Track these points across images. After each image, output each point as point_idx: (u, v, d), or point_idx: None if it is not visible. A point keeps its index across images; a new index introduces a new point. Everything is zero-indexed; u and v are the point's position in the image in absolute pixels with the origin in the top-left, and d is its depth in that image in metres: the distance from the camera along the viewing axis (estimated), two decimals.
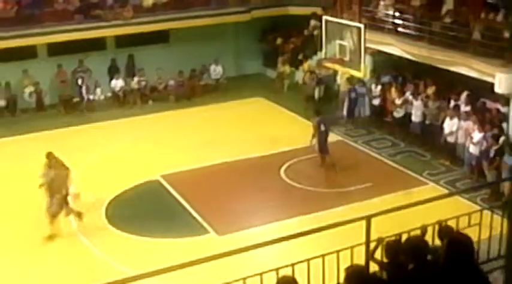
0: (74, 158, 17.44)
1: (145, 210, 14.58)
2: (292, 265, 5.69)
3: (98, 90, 22.65)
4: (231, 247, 11.51)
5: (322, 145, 16.30)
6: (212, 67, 24.03)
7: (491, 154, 14.69)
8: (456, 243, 4.98)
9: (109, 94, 22.97)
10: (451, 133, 16.05)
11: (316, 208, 13.94)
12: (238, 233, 13.10)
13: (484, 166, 14.88)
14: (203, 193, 15.34)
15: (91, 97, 22.36)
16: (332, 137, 17.08)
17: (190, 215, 14.20)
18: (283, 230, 12.97)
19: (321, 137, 16.30)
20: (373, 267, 5.96)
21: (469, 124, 15.66)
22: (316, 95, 21.25)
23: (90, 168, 16.89)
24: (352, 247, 5.94)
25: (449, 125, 16.09)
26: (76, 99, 22.26)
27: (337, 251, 5.86)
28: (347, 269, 5.12)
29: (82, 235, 13.38)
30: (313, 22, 23.80)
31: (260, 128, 19.45)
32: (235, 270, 6.77)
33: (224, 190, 15.43)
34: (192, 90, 23.24)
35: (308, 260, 5.90)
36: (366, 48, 17.60)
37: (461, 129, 15.85)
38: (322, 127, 16.30)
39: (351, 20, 18.92)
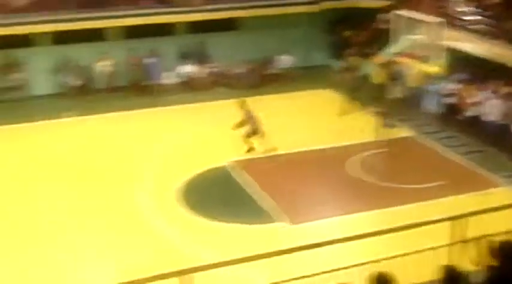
0: (144, 141, 17.98)
1: (216, 194, 14.87)
2: (383, 259, 5.77)
3: (168, 75, 23.08)
4: (303, 237, 11.74)
5: None
6: (280, 56, 24.15)
7: None
8: None
9: (179, 79, 23.39)
10: None
11: (386, 204, 13.91)
12: (310, 223, 13.22)
13: None
14: (272, 182, 15.52)
15: (161, 81, 22.83)
16: (402, 133, 16.97)
17: (259, 202, 14.38)
18: (354, 223, 13.07)
19: None
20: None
21: None
22: (392, 91, 21.00)
23: (160, 151, 17.29)
24: (450, 245, 5.93)
25: None
26: (146, 83, 22.76)
27: (433, 248, 5.88)
28: (444, 268, 5.15)
29: (155, 215, 13.72)
30: (383, 15, 23.61)
31: (326, 120, 19.49)
32: (309, 262, 6.91)
33: (291, 180, 15.57)
34: (260, 79, 23.43)
35: (399, 256, 5.96)
36: (443, 44, 17.34)
37: None
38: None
39: (423, 14, 18.71)
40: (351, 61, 23.34)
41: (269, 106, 20.71)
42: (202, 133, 18.62)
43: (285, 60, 24.15)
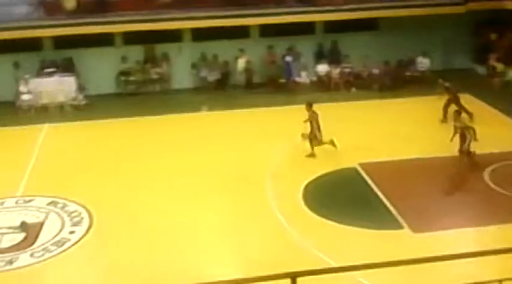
0: (277, 137, 18.21)
1: (340, 195, 14.77)
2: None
3: (304, 74, 23.24)
4: (425, 247, 11.40)
5: None
6: (419, 58, 23.56)
7: None
8: None
9: (314, 78, 23.48)
10: None
11: None
12: (434, 233, 12.81)
13: None
14: (398, 187, 15.17)
15: (297, 79, 23.04)
16: None
17: (385, 207, 14.11)
18: (482, 237, 12.51)
19: None
20: None
21: None
22: None
23: (291, 148, 17.44)
24: None
25: None
26: (282, 80, 23.05)
27: None
28: None
29: (279, 213, 13.87)
30: None
31: None
32: (431, 275, 6.69)
33: (419, 187, 15.12)
34: (396, 81, 22.98)
35: None
36: None
37: None
38: None
39: None
40: (495, 66, 22.37)
41: (403, 109, 20.32)
42: (331, 133, 18.53)
43: (423, 63, 23.52)
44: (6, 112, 21.11)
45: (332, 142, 16.83)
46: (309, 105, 17.09)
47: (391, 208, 13.96)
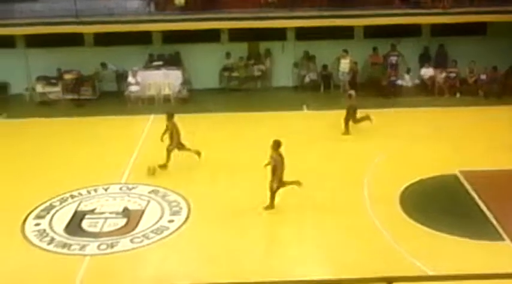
0: (374, 140, 18.06)
1: (438, 202, 14.45)
2: None
3: (407, 76, 22.88)
4: None
5: None
6: None
7: None
8: None
9: (417, 81, 23.07)
10: None
11: None
12: None
13: None
14: (501, 198, 14.62)
15: (399, 82, 22.71)
16: None
17: (485, 217, 13.70)
18: None
19: None
20: None
21: None
22: None
23: (388, 152, 17.25)
24: None
25: None
26: (384, 83, 22.78)
27: None
28: None
29: (375, 216, 13.77)
30: None
31: None
32: None
33: None
34: (504, 88, 22.19)
35: None
36: None
37: None
38: None
39: None
40: None
41: (508, 117, 19.60)
42: (432, 138, 18.21)
43: None
44: (115, 102, 22.04)
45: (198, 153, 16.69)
46: (171, 115, 16.67)
47: (492, 219, 13.55)
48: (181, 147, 16.47)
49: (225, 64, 23.63)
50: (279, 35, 23.41)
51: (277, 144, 13.95)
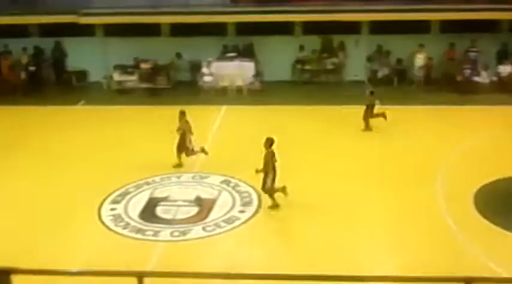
0: (450, 136, 17.78)
1: None
2: None
3: (484, 73, 22.35)
4: None
5: None
6: None
7: None
8: None
9: (494, 78, 22.51)
10: None
11: None
12: None
13: None
14: None
15: (476, 79, 22.21)
16: None
17: None
18: None
19: None
20: None
21: None
22: None
23: (464, 149, 16.94)
24: None
25: None
26: (459, 78, 22.34)
27: None
28: None
29: (448, 215, 13.58)
30: None
31: None
32: None
33: None
34: None
35: None
36: None
37: None
38: None
39: None
40: None
41: None
42: (506, 138, 17.75)
43: None
44: (189, 92, 22.42)
45: (203, 150, 16.50)
46: (183, 114, 16.24)
47: None
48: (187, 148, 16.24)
49: (298, 57, 23.67)
50: (353, 28, 23.28)
51: (269, 142, 14.01)
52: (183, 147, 16.23)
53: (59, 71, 24.04)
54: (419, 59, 22.70)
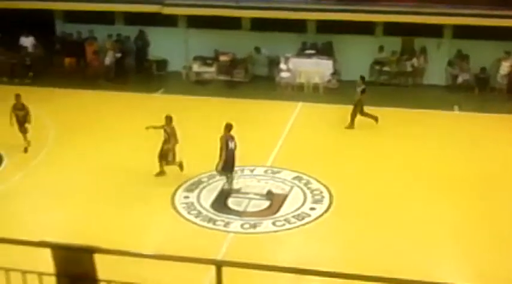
0: None
1: None
2: None
3: None
4: None
5: None
6: None
7: None
8: None
9: None
10: None
11: None
12: None
13: None
14: None
15: None
16: None
17: None
18: None
19: None
20: None
21: None
22: None
23: None
24: None
25: None
26: None
27: None
28: None
29: None
30: None
31: None
32: None
33: None
34: None
35: None
36: None
37: None
38: None
39: None
40: None
41: None
42: None
43: None
44: (265, 87, 22.57)
45: (180, 165, 15.56)
46: (169, 119, 15.49)
47: None
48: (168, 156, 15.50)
49: (377, 57, 23.43)
50: (435, 31, 22.86)
51: (228, 127, 14.71)
52: (166, 154, 15.42)
53: (141, 59, 24.62)
54: (505, 67, 22.09)
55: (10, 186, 15.32)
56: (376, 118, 18.75)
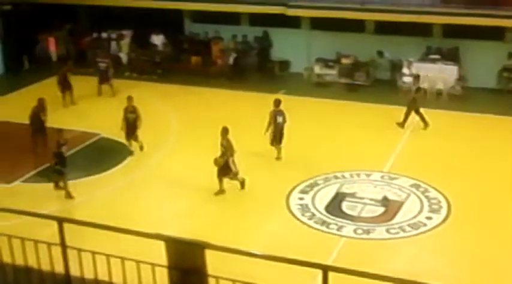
0: None
1: None
2: None
3: None
4: None
5: None
6: None
7: None
8: None
9: None
10: None
11: None
12: None
13: None
14: None
15: None
16: None
17: None
18: None
19: None
20: None
21: None
22: None
23: None
24: None
25: None
26: None
27: None
28: None
29: None
30: None
31: None
32: None
33: None
34: None
35: None
36: None
37: None
38: None
39: None
40: None
41: None
42: None
43: None
44: (387, 91, 22.22)
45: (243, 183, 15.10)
46: (225, 131, 14.74)
47: None
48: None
49: (506, 64, 22.42)
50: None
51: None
52: (225, 169, 14.77)
53: (264, 59, 24.97)
54: None
55: (134, 178, 16.05)
56: (426, 123, 18.54)
